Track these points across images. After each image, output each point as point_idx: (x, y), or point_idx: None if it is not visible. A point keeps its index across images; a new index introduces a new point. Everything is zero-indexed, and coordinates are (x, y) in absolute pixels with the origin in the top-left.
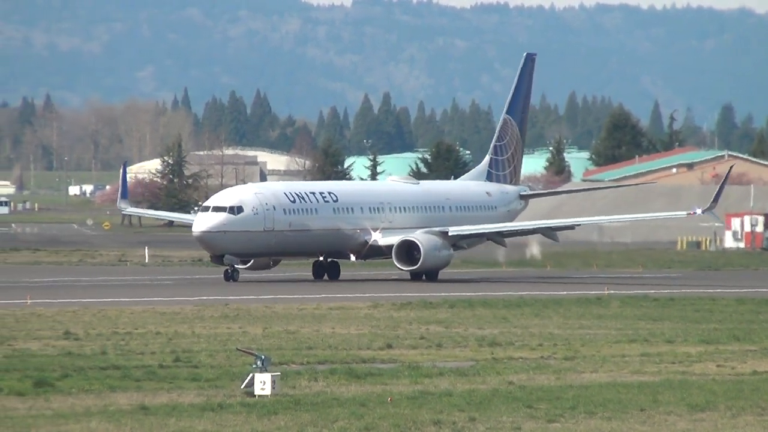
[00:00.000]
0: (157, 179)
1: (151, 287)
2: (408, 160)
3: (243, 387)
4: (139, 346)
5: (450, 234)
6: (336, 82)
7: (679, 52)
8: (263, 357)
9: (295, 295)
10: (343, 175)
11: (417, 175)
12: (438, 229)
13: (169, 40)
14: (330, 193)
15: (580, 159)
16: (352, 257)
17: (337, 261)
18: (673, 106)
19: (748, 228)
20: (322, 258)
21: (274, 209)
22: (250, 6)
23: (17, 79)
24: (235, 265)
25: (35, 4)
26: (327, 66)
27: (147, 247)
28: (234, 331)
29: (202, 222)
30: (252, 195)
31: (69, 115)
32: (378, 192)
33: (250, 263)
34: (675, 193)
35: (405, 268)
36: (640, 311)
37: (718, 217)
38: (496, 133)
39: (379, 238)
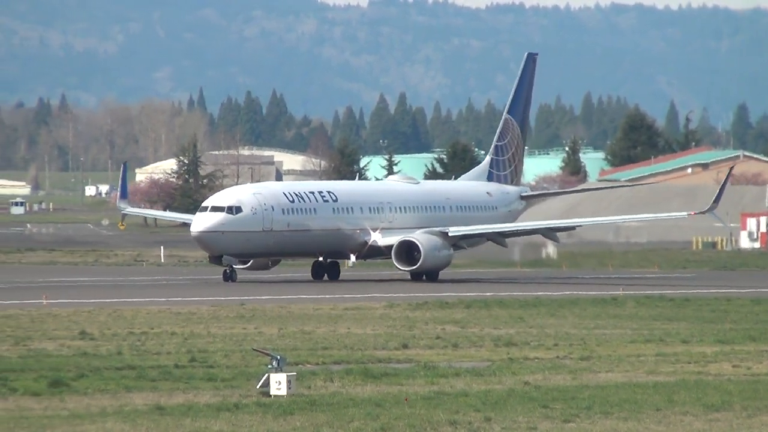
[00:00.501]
0: (173, 179)
1: (166, 287)
2: (424, 160)
3: (258, 387)
4: (155, 346)
5: (450, 234)
6: (352, 82)
7: (695, 52)
8: (279, 357)
9: (311, 296)
10: (359, 175)
11: (433, 175)
12: (438, 229)
13: (184, 40)
14: (329, 192)
15: (596, 159)
16: (352, 257)
17: (337, 261)
18: (689, 106)
19: (763, 228)
20: (321, 258)
21: (273, 209)
22: (265, 6)
23: (33, 80)
24: (234, 266)
25: (51, 4)
26: (343, 66)
27: (162, 247)
28: (249, 331)
29: (200, 222)
30: (250, 195)
31: (85, 116)
32: (378, 192)
33: (249, 264)
34: (690, 193)
35: (405, 269)
36: (655, 311)
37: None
38: (497, 133)
39: (378, 238)
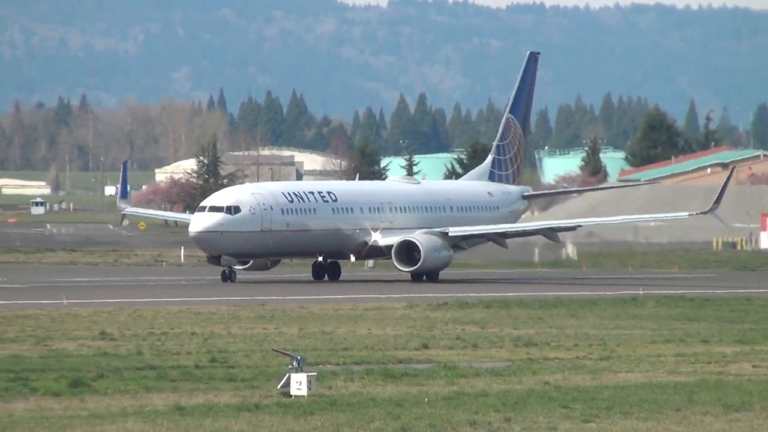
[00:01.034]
0: (193, 179)
1: (186, 287)
2: (444, 160)
3: (279, 387)
4: (175, 347)
5: (450, 234)
6: (371, 82)
7: (715, 52)
8: (299, 357)
9: (329, 296)
10: (380, 175)
11: (453, 176)
12: (438, 229)
13: (204, 40)
14: (329, 192)
15: (616, 159)
16: (352, 258)
17: (337, 261)
18: (709, 106)
19: None
20: (321, 258)
21: (272, 209)
22: (284, 6)
23: (53, 80)
24: (233, 266)
25: (71, 4)
26: (362, 66)
27: (183, 247)
28: (270, 331)
29: (199, 222)
30: (249, 195)
31: (105, 116)
32: (378, 192)
33: (249, 264)
34: (710, 193)
35: (405, 269)
36: (675, 311)
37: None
38: (499, 132)
39: (379, 239)
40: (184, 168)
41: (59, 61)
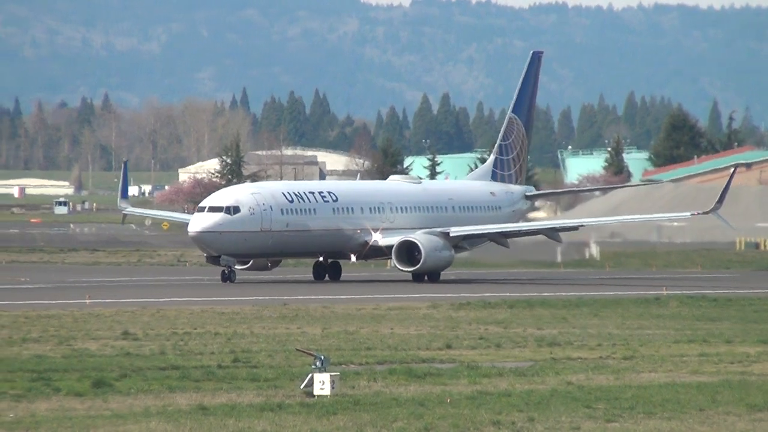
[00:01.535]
0: (216, 179)
1: (209, 287)
2: (467, 160)
3: (302, 387)
4: (198, 347)
5: (451, 234)
6: (394, 82)
7: (737, 52)
8: (322, 357)
9: (354, 296)
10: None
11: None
12: (439, 229)
13: (227, 40)
14: (330, 192)
15: (639, 159)
16: (353, 258)
17: (338, 261)
18: (732, 106)
19: None
20: (322, 258)
21: (272, 209)
22: (308, 6)
23: (76, 80)
24: (233, 266)
25: (94, 4)
26: (385, 66)
27: None
28: (293, 331)
29: (198, 222)
30: (249, 195)
31: (127, 115)
32: (379, 192)
33: (249, 264)
34: (732, 193)
35: (405, 269)
36: (698, 311)
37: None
38: (501, 132)
39: (379, 239)
40: (207, 168)
41: (82, 61)
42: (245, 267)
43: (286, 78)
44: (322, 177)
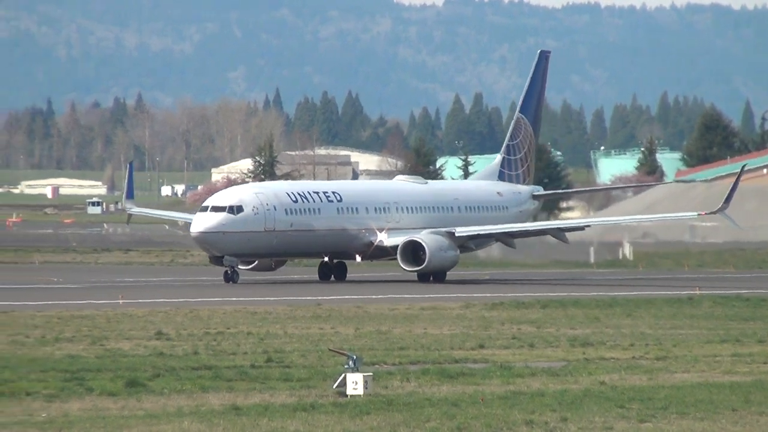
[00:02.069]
0: (249, 179)
1: (242, 287)
2: None
3: (335, 387)
4: (231, 346)
5: (457, 235)
6: (427, 82)
7: None
8: (355, 357)
9: (389, 295)
10: (435, 175)
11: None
12: (444, 229)
13: (260, 40)
14: (334, 192)
15: (673, 159)
16: (358, 258)
17: (343, 262)
18: (765, 106)
19: None
20: (327, 259)
21: (275, 209)
22: (341, 6)
23: (109, 80)
24: (235, 267)
25: (127, 4)
26: (418, 66)
27: None
28: (326, 331)
29: (201, 222)
30: (252, 194)
31: (160, 115)
32: (384, 192)
33: (254, 264)
34: (765, 194)
35: (410, 269)
36: (731, 311)
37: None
38: (509, 132)
39: (384, 239)
40: (240, 168)
41: (115, 61)
42: (250, 267)
43: (318, 78)
44: (355, 177)
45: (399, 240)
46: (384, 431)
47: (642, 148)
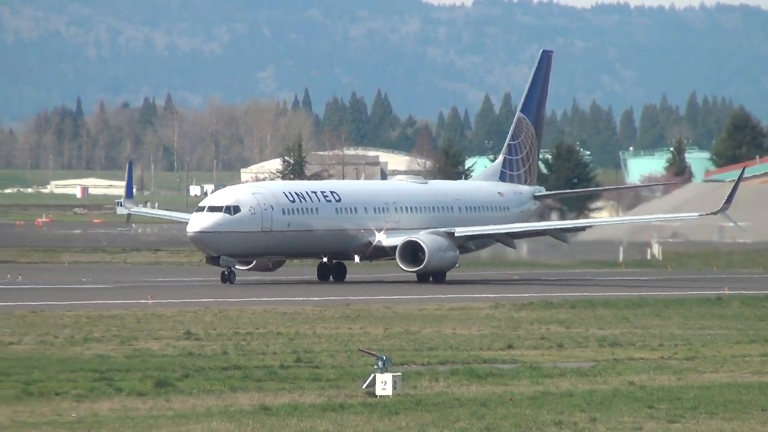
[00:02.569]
0: (278, 179)
1: (271, 287)
2: None
3: (364, 387)
4: (260, 347)
5: (456, 235)
6: (456, 82)
7: None
8: (384, 357)
9: (413, 296)
10: (464, 176)
11: (537, 177)
12: (444, 229)
13: (289, 40)
14: (332, 192)
15: (701, 159)
16: (356, 258)
17: (342, 262)
18: None
19: None
20: (326, 259)
21: (272, 209)
22: (370, 6)
23: (138, 80)
24: (232, 267)
25: (156, 4)
26: (447, 66)
27: None
28: (355, 331)
29: (197, 222)
30: (249, 194)
31: (190, 115)
32: (383, 192)
33: (252, 264)
34: None
35: (409, 270)
36: (761, 311)
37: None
38: (510, 131)
39: (383, 239)
40: (269, 168)
41: (144, 61)
42: (248, 268)
43: (347, 78)
44: (384, 177)
45: (398, 240)
46: (413, 431)
47: (671, 148)
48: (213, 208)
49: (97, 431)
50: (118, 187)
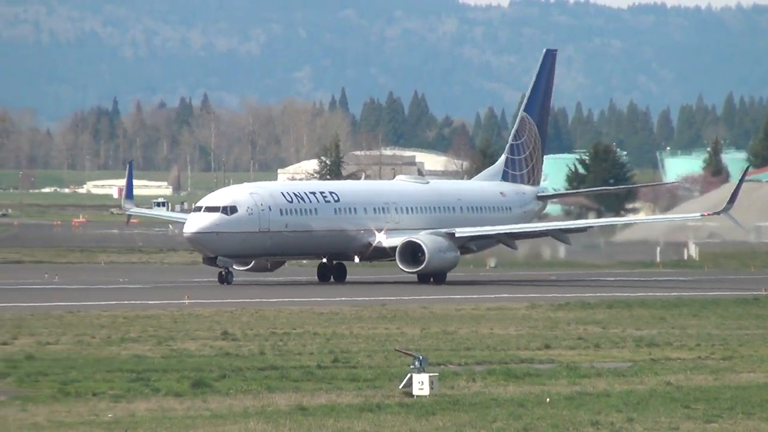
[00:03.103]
0: (315, 179)
1: (308, 287)
2: (566, 160)
3: (401, 387)
4: (297, 347)
5: (457, 235)
6: (493, 82)
7: None
8: (421, 357)
9: (455, 296)
10: None
11: (575, 177)
12: (444, 230)
13: (325, 40)
14: (331, 193)
15: (738, 159)
16: (356, 259)
17: (342, 263)
18: None
19: None
20: (325, 259)
21: (270, 209)
22: (406, 6)
23: (175, 80)
24: (230, 268)
25: (192, 4)
26: (484, 66)
27: None
28: (392, 331)
29: (194, 223)
30: (247, 195)
31: (226, 116)
32: (383, 192)
33: (250, 265)
34: None
35: (409, 270)
36: None
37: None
38: (513, 131)
39: (383, 239)
40: (306, 168)
41: (181, 62)
42: (246, 268)
43: (383, 79)
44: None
45: (398, 241)
46: (450, 431)
47: (707, 149)
48: (210, 209)
49: (133, 431)
50: (155, 188)
